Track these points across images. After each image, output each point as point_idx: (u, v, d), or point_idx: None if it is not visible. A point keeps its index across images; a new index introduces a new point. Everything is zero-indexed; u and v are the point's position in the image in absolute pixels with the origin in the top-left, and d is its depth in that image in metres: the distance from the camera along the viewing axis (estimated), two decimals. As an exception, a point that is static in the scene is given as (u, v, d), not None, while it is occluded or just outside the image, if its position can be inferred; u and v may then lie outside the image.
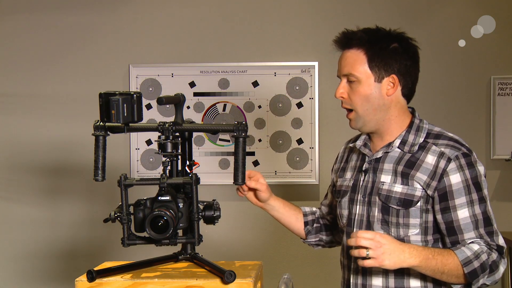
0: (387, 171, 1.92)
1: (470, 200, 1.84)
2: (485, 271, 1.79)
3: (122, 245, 1.89)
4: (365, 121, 1.92)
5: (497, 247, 1.84)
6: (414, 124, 1.95)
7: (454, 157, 1.85)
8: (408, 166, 1.89)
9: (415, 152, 1.90)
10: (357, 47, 1.89)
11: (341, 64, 1.93)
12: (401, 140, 1.93)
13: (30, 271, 3.89)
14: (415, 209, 1.87)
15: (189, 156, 2.11)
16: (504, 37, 3.78)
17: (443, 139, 1.91)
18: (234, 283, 1.85)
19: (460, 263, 1.77)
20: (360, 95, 1.89)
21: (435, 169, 1.85)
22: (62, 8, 3.86)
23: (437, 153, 1.87)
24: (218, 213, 1.94)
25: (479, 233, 1.84)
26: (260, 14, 3.84)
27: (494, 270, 1.81)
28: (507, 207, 3.81)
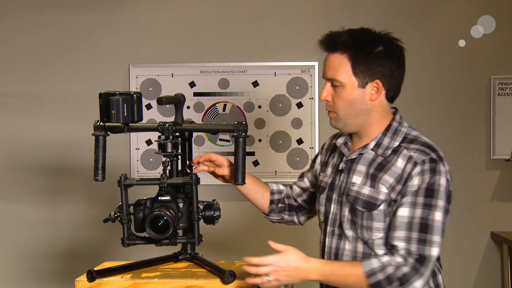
0: (360, 172, 1.92)
1: (414, 202, 1.81)
2: (391, 284, 1.76)
3: (122, 245, 1.89)
4: (346, 124, 1.93)
5: (418, 256, 1.77)
6: (392, 127, 1.94)
7: (421, 162, 1.83)
8: (378, 169, 1.89)
9: (388, 155, 1.89)
10: (342, 51, 1.87)
11: (326, 68, 1.92)
12: (376, 143, 1.93)
13: (30, 271, 3.89)
14: (378, 212, 1.86)
15: (189, 156, 2.12)
16: (504, 37, 3.78)
17: (416, 144, 1.89)
18: (234, 283, 1.85)
19: (365, 275, 1.77)
20: (344, 99, 1.89)
21: (402, 172, 1.84)
22: (62, 8, 3.86)
23: (406, 157, 1.86)
24: (218, 213, 1.95)
25: (409, 236, 1.79)
26: (260, 14, 3.84)
27: (404, 284, 1.76)
28: (507, 207, 3.81)
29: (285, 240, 3.47)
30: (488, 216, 3.80)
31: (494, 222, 3.80)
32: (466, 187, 3.80)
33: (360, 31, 1.91)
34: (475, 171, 3.81)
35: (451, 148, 3.82)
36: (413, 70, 3.80)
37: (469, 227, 3.80)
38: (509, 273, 3.71)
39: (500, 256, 3.81)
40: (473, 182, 3.81)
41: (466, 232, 3.79)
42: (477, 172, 3.81)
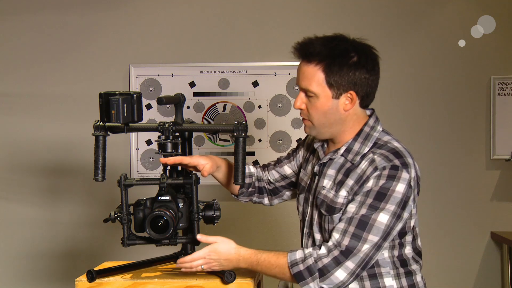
0: (330, 176, 1.93)
1: (363, 201, 1.81)
2: (313, 275, 1.80)
3: (122, 245, 1.89)
4: (320, 132, 1.94)
5: (345, 249, 1.80)
6: (363, 132, 1.93)
7: (381, 168, 1.82)
8: (345, 174, 1.89)
9: (356, 161, 1.89)
10: (316, 63, 1.86)
11: (299, 77, 1.91)
12: (346, 148, 1.92)
13: (30, 271, 3.89)
14: (338, 215, 1.88)
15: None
16: (504, 37, 3.78)
17: (383, 149, 1.87)
18: (234, 283, 1.85)
19: (288, 265, 1.83)
20: (318, 110, 1.89)
21: (362, 174, 1.85)
22: (62, 8, 3.86)
23: (369, 160, 1.85)
24: (218, 213, 1.95)
25: (346, 229, 1.81)
26: (260, 14, 3.84)
27: (325, 274, 1.80)
28: (507, 207, 3.81)
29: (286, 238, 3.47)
30: (488, 216, 3.80)
31: (494, 222, 3.80)
32: (466, 187, 3.80)
33: (334, 40, 1.89)
34: (475, 171, 3.81)
35: (451, 148, 3.82)
36: (413, 70, 3.81)
37: (469, 227, 3.80)
38: (509, 273, 3.71)
39: (500, 256, 3.81)
40: (473, 182, 3.81)
41: (466, 232, 3.79)
42: (477, 172, 3.81)
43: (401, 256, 1.91)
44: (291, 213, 2.34)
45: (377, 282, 1.89)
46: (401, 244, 1.91)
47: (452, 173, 3.80)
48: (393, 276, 1.90)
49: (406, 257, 1.92)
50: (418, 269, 1.96)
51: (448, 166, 3.79)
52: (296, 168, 2.20)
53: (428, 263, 3.80)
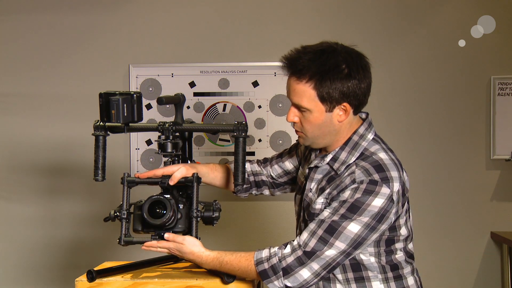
0: (316, 180, 1.94)
1: (337, 209, 1.81)
2: (277, 273, 1.82)
3: (119, 242, 1.88)
4: (314, 143, 1.93)
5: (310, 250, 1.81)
6: (351, 141, 1.90)
7: (359, 181, 1.81)
8: (328, 182, 1.90)
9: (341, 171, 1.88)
10: (306, 80, 1.82)
11: (290, 92, 1.88)
12: (332, 157, 1.91)
13: (30, 271, 3.88)
14: None
15: (189, 156, 2.12)
16: (504, 37, 3.77)
17: (367, 161, 1.85)
18: (234, 283, 1.85)
19: (254, 263, 1.86)
20: (311, 123, 1.87)
21: (340, 183, 1.85)
22: (62, 8, 3.86)
23: (350, 172, 1.84)
24: (217, 214, 1.94)
25: (314, 231, 1.82)
26: (260, 14, 3.84)
27: (289, 272, 1.81)
28: (507, 207, 3.81)
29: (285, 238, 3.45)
30: (488, 216, 3.80)
31: (494, 222, 3.80)
32: (466, 187, 3.80)
33: (323, 53, 1.83)
34: (475, 171, 3.81)
35: (451, 148, 3.82)
36: (413, 70, 3.81)
37: (469, 227, 3.80)
38: (509, 273, 3.71)
39: (500, 256, 3.81)
40: (473, 182, 3.81)
41: (466, 232, 3.79)
42: (477, 172, 3.81)
43: (391, 261, 1.90)
44: (290, 213, 2.34)
45: (364, 286, 1.89)
46: (390, 251, 1.90)
47: (452, 173, 3.80)
48: (381, 280, 1.89)
49: (397, 261, 1.91)
50: (410, 272, 1.95)
51: (448, 166, 3.79)
52: (297, 163, 2.20)
53: (428, 263, 3.80)
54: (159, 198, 1.84)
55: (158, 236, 1.88)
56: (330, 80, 1.81)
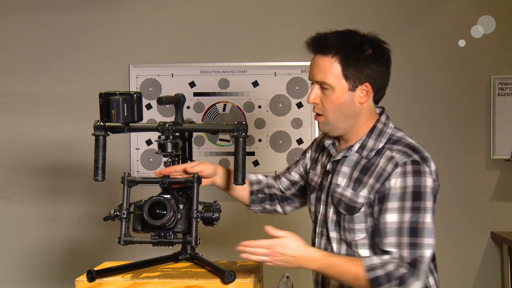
0: (344, 174, 1.92)
1: (402, 206, 1.78)
2: (390, 282, 1.74)
3: (119, 242, 1.88)
4: (334, 127, 1.92)
5: (411, 261, 1.76)
6: (376, 129, 1.92)
7: (402, 163, 1.80)
8: (362, 172, 1.88)
9: (371, 157, 1.88)
10: (332, 55, 1.85)
11: (314, 70, 1.89)
12: (360, 145, 1.91)
13: (30, 271, 3.89)
14: (359, 214, 1.86)
15: (189, 156, 2.11)
16: (504, 37, 3.78)
17: (399, 145, 1.86)
18: (234, 283, 1.85)
19: (365, 269, 1.76)
20: (333, 103, 1.87)
21: (381, 171, 1.83)
22: (62, 8, 3.86)
23: (387, 157, 1.84)
24: (217, 215, 1.94)
25: (400, 241, 1.78)
26: (260, 14, 3.84)
27: (403, 284, 1.74)
28: (507, 207, 3.81)
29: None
30: (488, 216, 3.80)
31: (494, 222, 3.80)
32: (466, 187, 3.80)
33: (348, 33, 1.90)
34: (475, 171, 3.81)
35: (451, 148, 3.82)
36: (413, 70, 3.81)
37: (469, 227, 3.80)
38: (509, 273, 3.71)
39: (500, 256, 3.81)
40: (473, 182, 3.81)
41: (466, 232, 3.79)
42: (477, 172, 3.81)
43: None
44: (290, 214, 2.34)
45: None
46: None
47: (452, 173, 3.80)
48: None
49: None
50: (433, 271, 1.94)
51: (448, 166, 3.79)
52: (302, 171, 2.19)
53: (428, 263, 3.81)
54: (159, 199, 1.84)
55: (158, 236, 1.88)
56: (355, 58, 1.85)
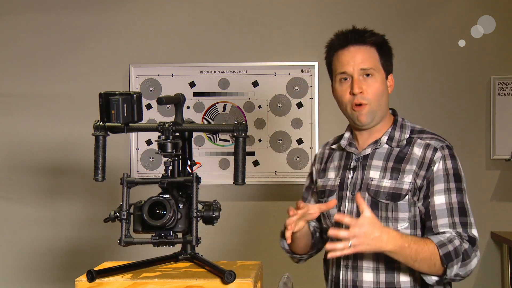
0: (376, 167, 1.97)
1: (448, 188, 1.91)
2: (458, 257, 1.82)
3: (119, 243, 1.88)
4: (376, 116, 1.99)
5: (468, 238, 1.87)
6: (398, 122, 2.04)
7: (440, 147, 1.93)
8: (398, 161, 1.95)
9: (403, 147, 1.97)
10: (371, 44, 1.97)
11: (357, 59, 1.96)
12: (388, 137, 1.99)
13: (30, 271, 3.89)
14: (404, 202, 1.92)
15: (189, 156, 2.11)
16: (504, 37, 3.78)
17: (427, 134, 2.00)
18: (234, 283, 1.85)
19: (436, 246, 1.81)
20: (377, 90, 1.96)
21: (422, 159, 1.93)
22: (62, 8, 3.86)
23: (423, 145, 1.95)
24: (217, 214, 1.94)
25: (453, 221, 1.88)
26: (260, 14, 3.84)
27: (466, 260, 1.83)
28: (507, 207, 3.81)
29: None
30: (488, 216, 3.80)
31: (494, 222, 3.80)
32: (466, 187, 3.80)
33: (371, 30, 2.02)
34: (475, 171, 3.80)
35: (451, 148, 3.81)
36: (413, 70, 3.81)
37: (469, 227, 3.79)
38: (509, 273, 3.71)
39: (500, 256, 3.81)
40: (473, 182, 3.79)
41: (466, 232, 3.79)
42: (477, 172, 3.81)
43: None
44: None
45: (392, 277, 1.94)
46: None
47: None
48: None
49: None
50: None
51: (448, 166, 3.79)
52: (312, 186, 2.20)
53: (428, 263, 3.80)
54: (159, 199, 1.84)
55: (158, 236, 1.88)
56: (387, 49, 2.01)
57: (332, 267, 2.05)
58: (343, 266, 2.00)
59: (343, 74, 1.98)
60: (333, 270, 2.05)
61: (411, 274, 1.93)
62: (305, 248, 2.14)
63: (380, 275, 1.93)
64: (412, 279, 1.93)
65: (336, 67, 2.00)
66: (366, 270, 1.95)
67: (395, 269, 1.93)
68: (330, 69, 2.06)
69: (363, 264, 1.96)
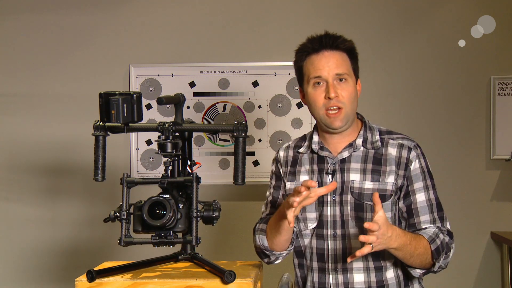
0: (355, 170, 2.00)
1: (426, 185, 2.00)
2: (443, 250, 1.92)
3: (119, 243, 1.88)
4: (350, 119, 2.02)
5: (447, 231, 1.98)
6: (367, 124, 2.08)
7: (414, 147, 2.02)
8: (376, 163, 1.99)
9: (378, 148, 2.02)
10: (343, 50, 2.01)
11: (331, 64, 1.98)
12: (362, 139, 2.03)
13: (30, 271, 3.89)
14: (388, 203, 1.97)
15: (189, 156, 2.11)
16: (504, 37, 3.78)
17: (395, 134, 2.07)
18: (234, 283, 1.85)
19: (428, 242, 1.90)
20: (350, 94, 1.99)
21: (398, 159, 1.99)
22: (62, 8, 3.86)
23: (396, 145, 2.02)
24: (217, 214, 1.94)
25: (433, 217, 1.97)
26: (260, 14, 3.84)
27: (448, 252, 1.94)
28: (507, 207, 3.81)
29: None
30: (488, 216, 3.80)
31: (494, 222, 3.80)
32: (466, 187, 3.80)
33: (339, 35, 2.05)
34: (475, 171, 3.81)
35: (451, 148, 3.82)
36: (413, 70, 3.81)
37: (469, 227, 3.79)
38: (509, 273, 3.71)
39: (500, 256, 3.81)
40: (473, 182, 3.81)
41: (466, 232, 3.79)
42: (477, 172, 3.81)
43: None
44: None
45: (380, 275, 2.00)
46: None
47: (452, 173, 3.79)
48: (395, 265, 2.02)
49: None
50: None
51: (448, 166, 3.79)
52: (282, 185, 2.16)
53: (428, 263, 3.80)
54: (159, 199, 1.84)
55: (158, 236, 1.88)
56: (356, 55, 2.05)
57: (313, 272, 2.04)
58: (331, 270, 2.00)
59: (317, 79, 1.99)
60: (313, 276, 2.04)
61: (395, 269, 2.00)
62: (287, 243, 2.04)
63: (371, 274, 1.98)
64: (396, 275, 2.00)
65: (310, 71, 2.01)
66: (357, 271, 1.98)
67: (382, 267, 1.98)
68: (300, 73, 2.07)
69: (353, 266, 1.98)
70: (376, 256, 1.97)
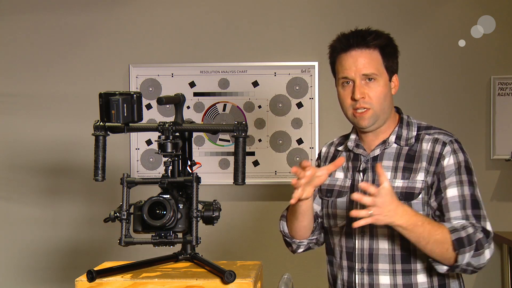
0: (386, 167, 1.95)
1: (460, 180, 1.90)
2: (471, 245, 1.78)
3: (119, 243, 1.88)
4: (379, 119, 1.97)
5: (482, 229, 1.83)
6: (404, 120, 2.03)
7: (449, 142, 1.94)
8: (409, 160, 1.94)
9: (412, 144, 1.96)
10: (373, 47, 1.94)
11: (359, 64, 1.93)
12: (396, 136, 1.98)
13: (30, 271, 3.89)
14: (417, 202, 1.90)
15: (189, 156, 2.11)
16: (504, 37, 3.78)
17: (434, 129, 2.00)
18: (234, 283, 1.85)
19: (449, 231, 1.79)
20: (380, 94, 1.94)
21: (431, 154, 1.93)
22: (62, 8, 3.86)
23: (431, 140, 1.95)
24: (217, 214, 1.93)
25: (466, 214, 1.85)
26: (260, 14, 3.84)
27: (479, 249, 1.79)
28: (507, 207, 3.81)
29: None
30: (488, 216, 3.79)
31: (494, 222, 3.75)
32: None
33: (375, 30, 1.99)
34: (475, 171, 3.80)
35: (451, 148, 3.82)
36: (413, 70, 3.81)
37: (469, 227, 3.79)
38: (509, 273, 3.71)
39: (500, 256, 3.81)
40: (473, 182, 3.81)
41: (466, 232, 3.79)
42: (477, 172, 3.75)
43: None
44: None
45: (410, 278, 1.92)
46: None
47: (452, 173, 3.79)
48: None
49: None
50: None
51: (448, 166, 3.79)
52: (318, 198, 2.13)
53: (428, 263, 3.80)
54: (159, 199, 1.84)
55: (158, 236, 1.88)
56: (391, 50, 1.99)
57: (342, 271, 2.02)
58: (358, 270, 1.97)
59: (345, 79, 1.96)
60: (343, 274, 2.02)
61: (429, 275, 1.91)
62: (306, 230, 2.04)
63: (397, 277, 1.91)
64: (429, 280, 1.91)
65: (338, 71, 1.99)
66: (382, 273, 1.93)
67: (411, 270, 1.91)
68: (333, 71, 2.05)
69: (379, 267, 1.93)
70: (404, 258, 1.90)
